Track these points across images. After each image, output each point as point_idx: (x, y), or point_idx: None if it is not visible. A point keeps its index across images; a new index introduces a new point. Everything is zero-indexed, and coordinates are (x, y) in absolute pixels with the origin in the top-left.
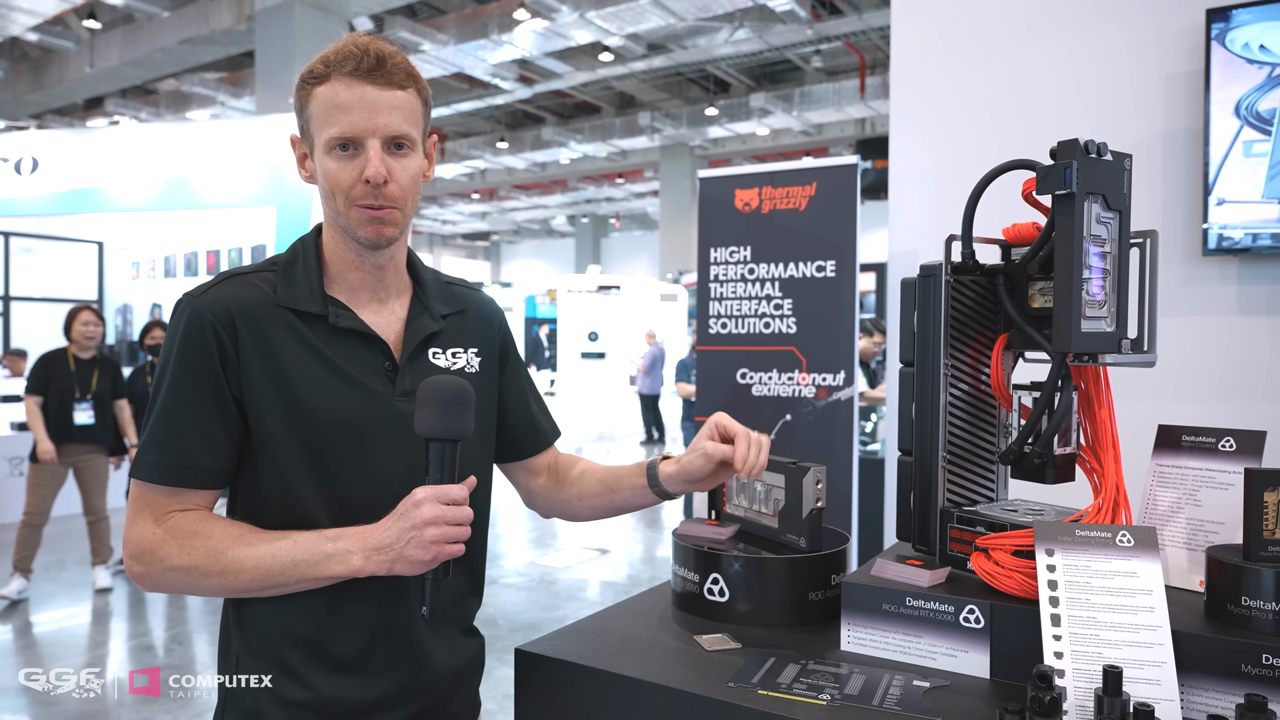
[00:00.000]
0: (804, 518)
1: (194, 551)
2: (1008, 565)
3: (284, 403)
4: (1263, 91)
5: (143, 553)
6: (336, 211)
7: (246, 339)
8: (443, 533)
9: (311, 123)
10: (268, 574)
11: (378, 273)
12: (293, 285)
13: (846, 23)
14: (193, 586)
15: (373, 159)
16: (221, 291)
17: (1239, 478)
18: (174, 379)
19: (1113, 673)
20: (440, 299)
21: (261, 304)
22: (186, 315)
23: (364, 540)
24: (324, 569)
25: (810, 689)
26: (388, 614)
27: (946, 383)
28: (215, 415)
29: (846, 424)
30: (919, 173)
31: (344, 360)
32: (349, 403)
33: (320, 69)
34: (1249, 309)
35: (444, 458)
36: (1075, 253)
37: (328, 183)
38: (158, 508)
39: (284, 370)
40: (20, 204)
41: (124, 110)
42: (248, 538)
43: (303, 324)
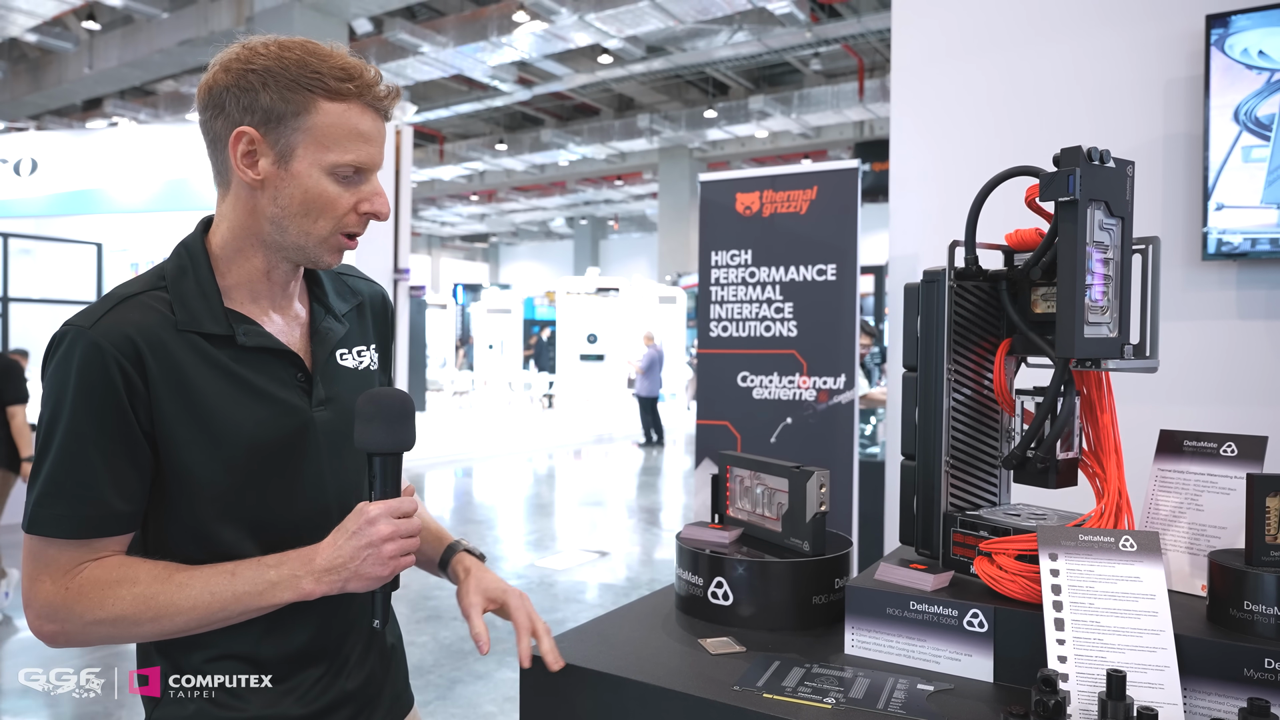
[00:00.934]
0: (807, 521)
1: (119, 601)
2: (1011, 569)
3: (201, 432)
4: (1261, 97)
5: (55, 611)
6: (306, 232)
7: (154, 369)
8: (399, 546)
9: (309, 134)
10: (207, 612)
11: (284, 281)
12: (189, 305)
13: (845, 26)
14: (120, 637)
15: (379, 193)
16: (117, 318)
17: (1240, 483)
18: (73, 422)
19: (1116, 676)
20: (338, 295)
21: (163, 328)
22: (80, 349)
23: (310, 562)
24: (269, 598)
25: (815, 692)
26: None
27: (950, 388)
28: (123, 455)
29: (847, 427)
30: (919, 176)
31: (256, 378)
32: (269, 422)
33: (336, 84)
34: (1248, 313)
35: (387, 471)
36: (1078, 259)
37: (317, 204)
38: (64, 563)
39: (198, 398)
40: (19, 205)
41: (123, 111)
42: (178, 577)
43: (209, 345)
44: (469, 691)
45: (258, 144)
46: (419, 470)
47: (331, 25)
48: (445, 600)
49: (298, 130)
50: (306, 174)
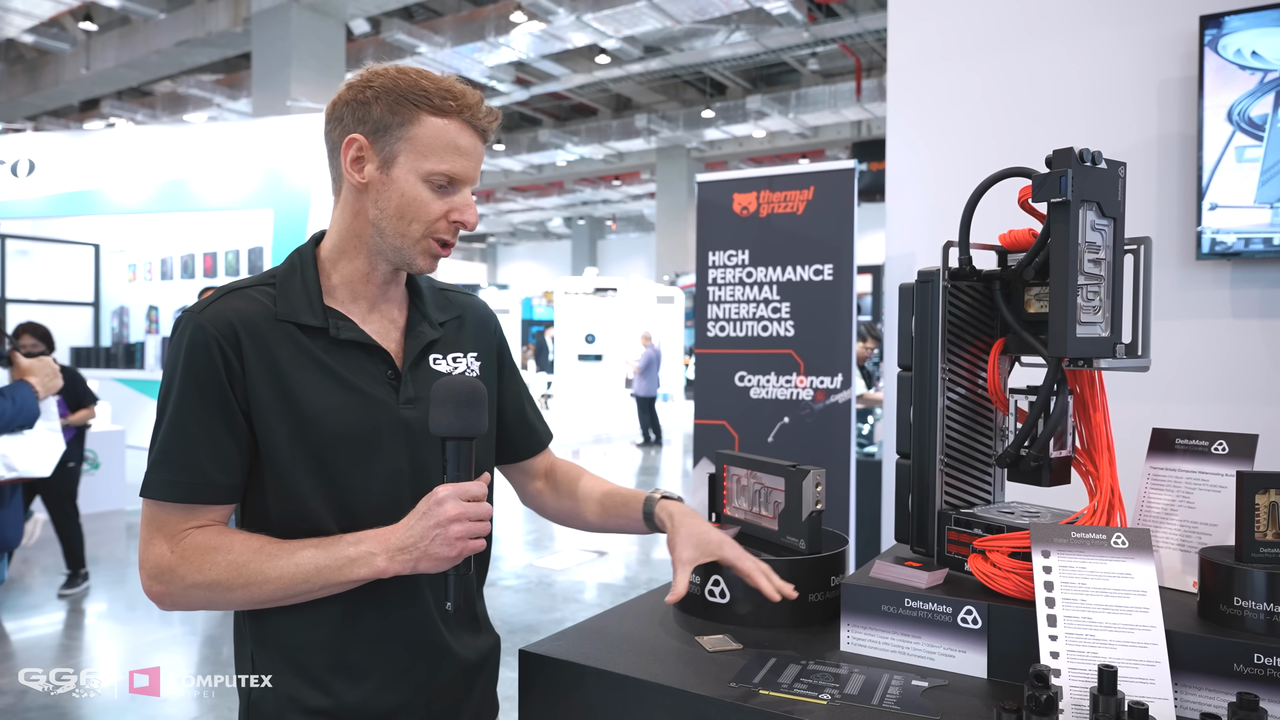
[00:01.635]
0: (804, 520)
1: (215, 567)
2: (1005, 567)
3: (290, 414)
4: (1255, 97)
5: (161, 572)
6: (403, 234)
7: (250, 353)
8: (466, 529)
9: (412, 144)
10: (291, 583)
11: (385, 286)
12: (292, 299)
13: (842, 25)
14: (215, 601)
15: (470, 205)
16: (222, 306)
17: (1231, 480)
18: (180, 396)
19: (1108, 672)
20: (436, 306)
21: (263, 317)
22: (189, 332)
23: (386, 541)
24: (348, 573)
25: (811, 689)
26: (404, 617)
27: (944, 387)
28: (224, 430)
29: (844, 426)
30: (916, 176)
31: (347, 371)
32: (354, 412)
33: (441, 101)
34: (1242, 313)
35: (460, 456)
36: (1070, 259)
37: (412, 208)
38: (172, 526)
39: (289, 382)
40: (17, 206)
41: (120, 112)
42: (268, 549)
43: (305, 336)
44: None
45: (365, 150)
46: None
47: (329, 26)
48: None
49: (401, 139)
50: (404, 179)
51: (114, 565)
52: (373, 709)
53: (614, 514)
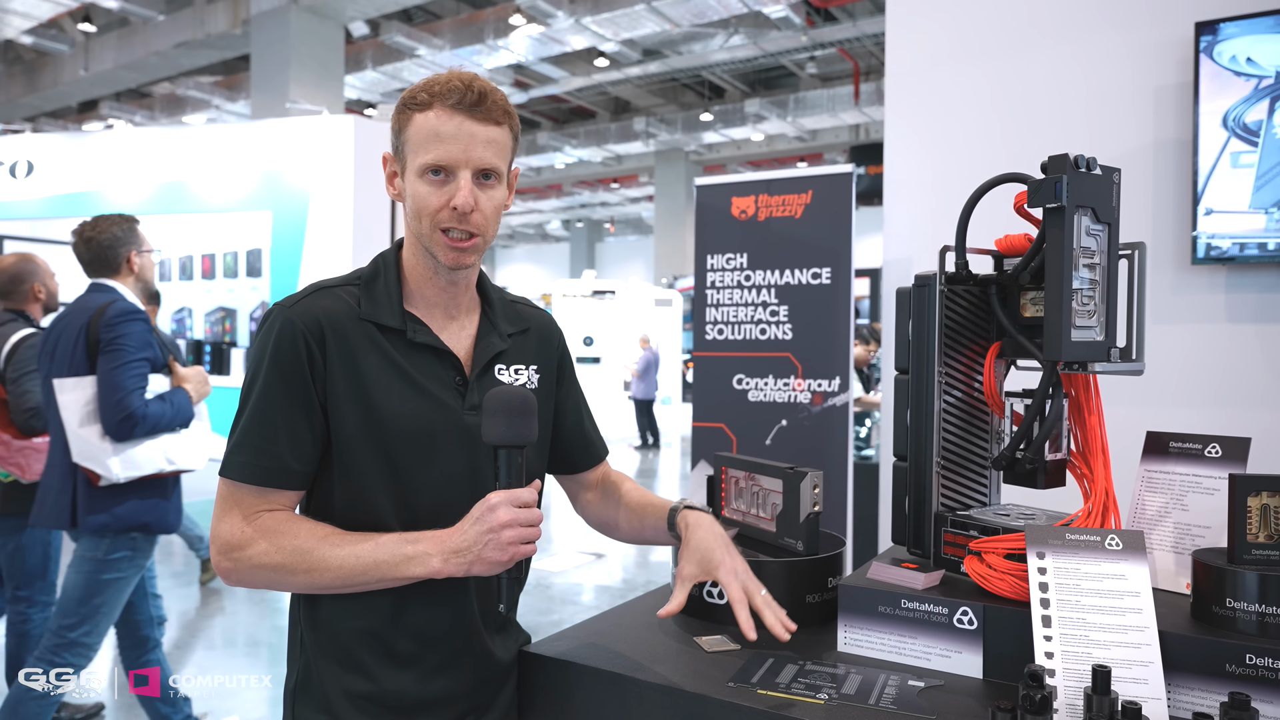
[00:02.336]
0: (801, 522)
1: (281, 550)
2: (1000, 568)
3: (363, 410)
4: (1250, 103)
5: (230, 549)
6: (421, 233)
7: (333, 349)
8: (518, 534)
9: (407, 145)
10: (350, 573)
11: (451, 289)
12: (375, 300)
13: (841, 29)
14: (277, 583)
15: (463, 188)
16: (311, 303)
17: (1224, 483)
18: (265, 384)
19: (1101, 672)
20: (506, 318)
21: (347, 316)
22: (279, 324)
23: (443, 543)
24: (404, 570)
25: (808, 688)
26: (449, 615)
27: (941, 390)
28: (303, 419)
29: (842, 429)
30: (914, 180)
31: (419, 373)
32: (422, 412)
33: (424, 97)
34: (1237, 317)
35: (511, 463)
36: (1065, 264)
37: (416, 205)
38: (246, 506)
39: (365, 380)
40: (15, 207)
41: (118, 114)
42: (332, 538)
43: (383, 337)
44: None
45: (392, 164)
46: None
47: (328, 28)
48: None
49: (404, 145)
50: (410, 181)
51: None
52: (412, 698)
53: (641, 521)
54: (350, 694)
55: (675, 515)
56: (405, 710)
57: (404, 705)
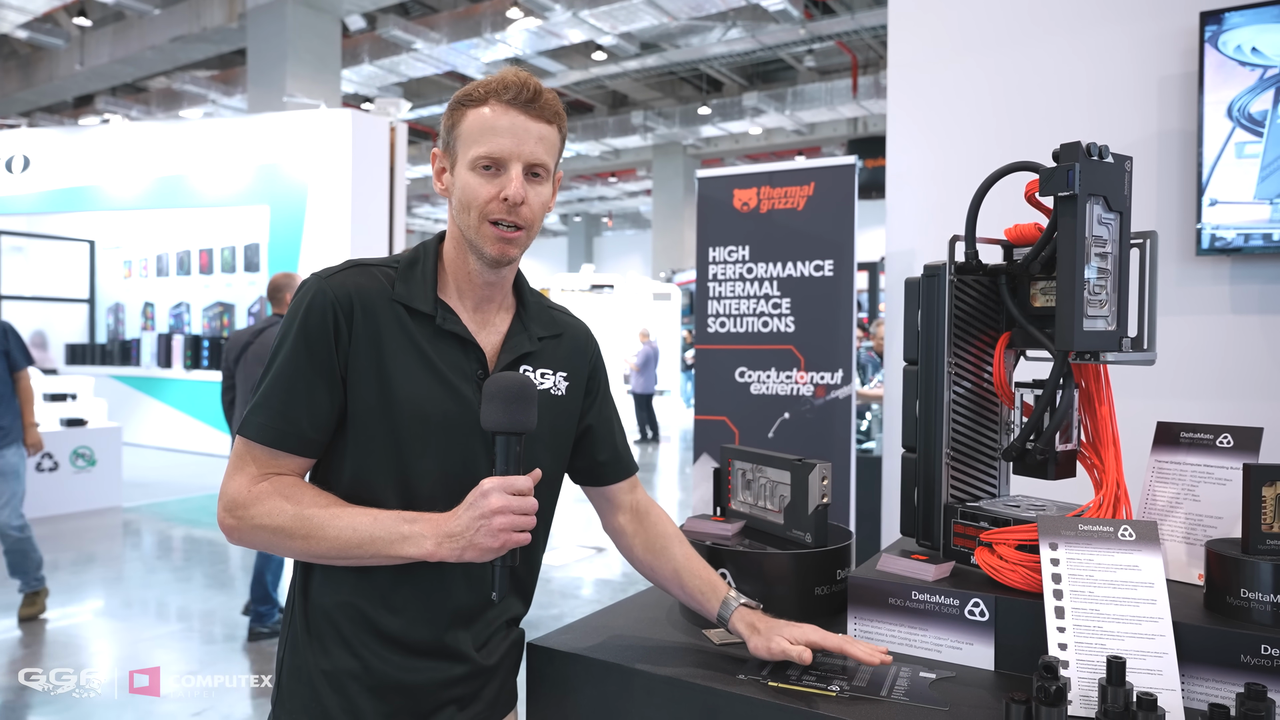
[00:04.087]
0: (809, 514)
1: (283, 514)
2: (1011, 559)
3: (380, 389)
4: (1254, 93)
5: (236, 506)
6: (468, 225)
7: (360, 324)
8: (510, 521)
9: (460, 140)
10: (346, 545)
11: (488, 288)
12: (410, 284)
13: (839, 22)
14: (275, 545)
15: (514, 180)
16: (347, 278)
17: (1236, 473)
18: (292, 349)
19: (1116, 663)
20: (539, 322)
21: (379, 295)
22: (313, 293)
23: (438, 526)
24: (398, 548)
25: (819, 680)
26: (438, 602)
27: (950, 381)
28: (323, 388)
29: (844, 422)
30: (916, 172)
31: (441, 360)
32: (437, 399)
33: (480, 93)
34: (1242, 308)
35: (509, 450)
36: (1078, 253)
37: (466, 196)
38: (258, 466)
39: (385, 359)
40: (11, 202)
41: (114, 108)
42: (333, 509)
43: (412, 320)
44: None
45: (442, 160)
46: None
47: (324, 22)
48: None
49: (456, 139)
50: (460, 173)
51: (111, 563)
52: (395, 680)
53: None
54: (335, 670)
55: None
56: (387, 692)
57: (386, 686)
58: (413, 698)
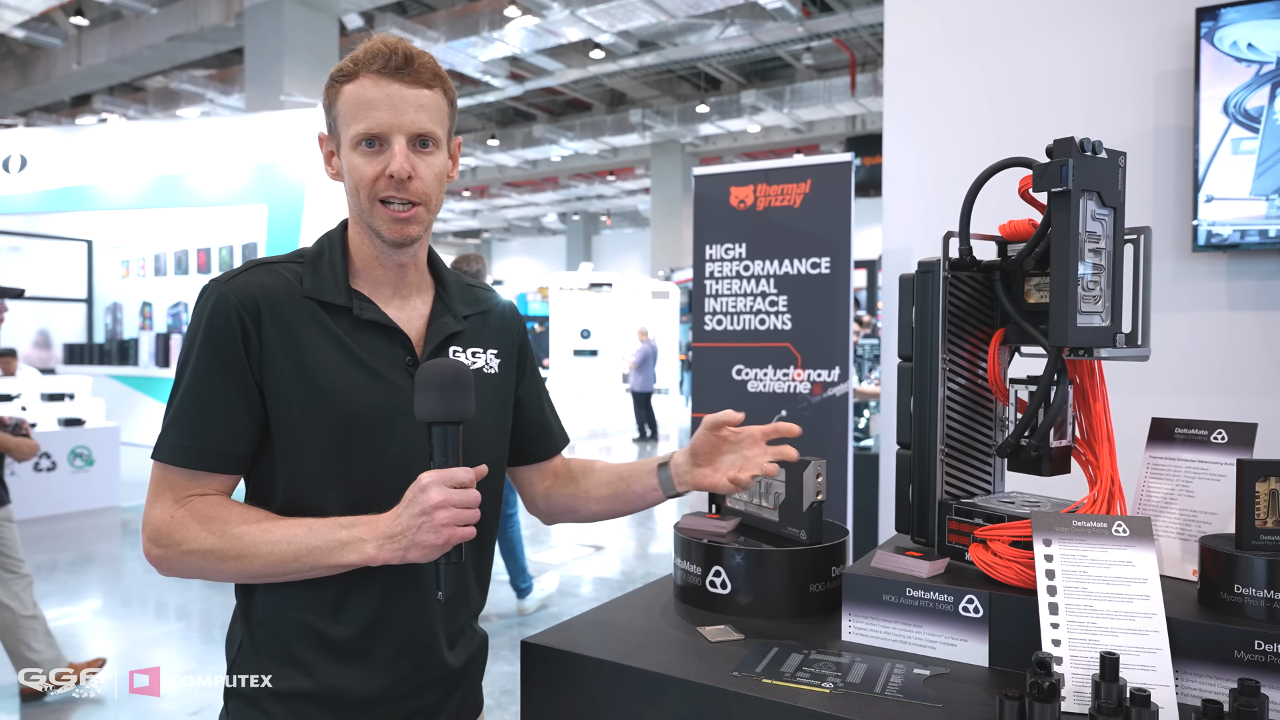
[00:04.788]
0: (804, 511)
1: (211, 535)
2: (1006, 556)
3: (304, 389)
4: (1250, 89)
5: (160, 535)
6: (361, 209)
7: (270, 326)
8: (452, 515)
9: (339, 120)
10: (281, 560)
11: (400, 270)
12: (319, 277)
13: (837, 20)
14: (208, 571)
15: (398, 155)
16: (248, 279)
17: (1230, 469)
18: (198, 364)
19: (1110, 659)
20: (462, 300)
21: (287, 293)
22: (212, 301)
23: (377, 528)
24: (337, 557)
25: (813, 677)
26: (394, 606)
27: (944, 377)
28: (238, 400)
29: (842, 419)
30: (913, 169)
31: (366, 352)
32: (369, 392)
33: (349, 67)
34: (1238, 305)
35: (447, 441)
36: (1071, 249)
37: (352, 178)
38: (178, 490)
39: (306, 358)
40: (9, 202)
41: (112, 108)
42: (264, 524)
43: (327, 315)
44: None
45: (327, 143)
46: None
47: (321, 20)
48: None
49: (336, 120)
50: (346, 156)
51: (109, 562)
52: (353, 695)
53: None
54: (286, 692)
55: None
56: (344, 709)
57: (343, 704)
58: (375, 713)
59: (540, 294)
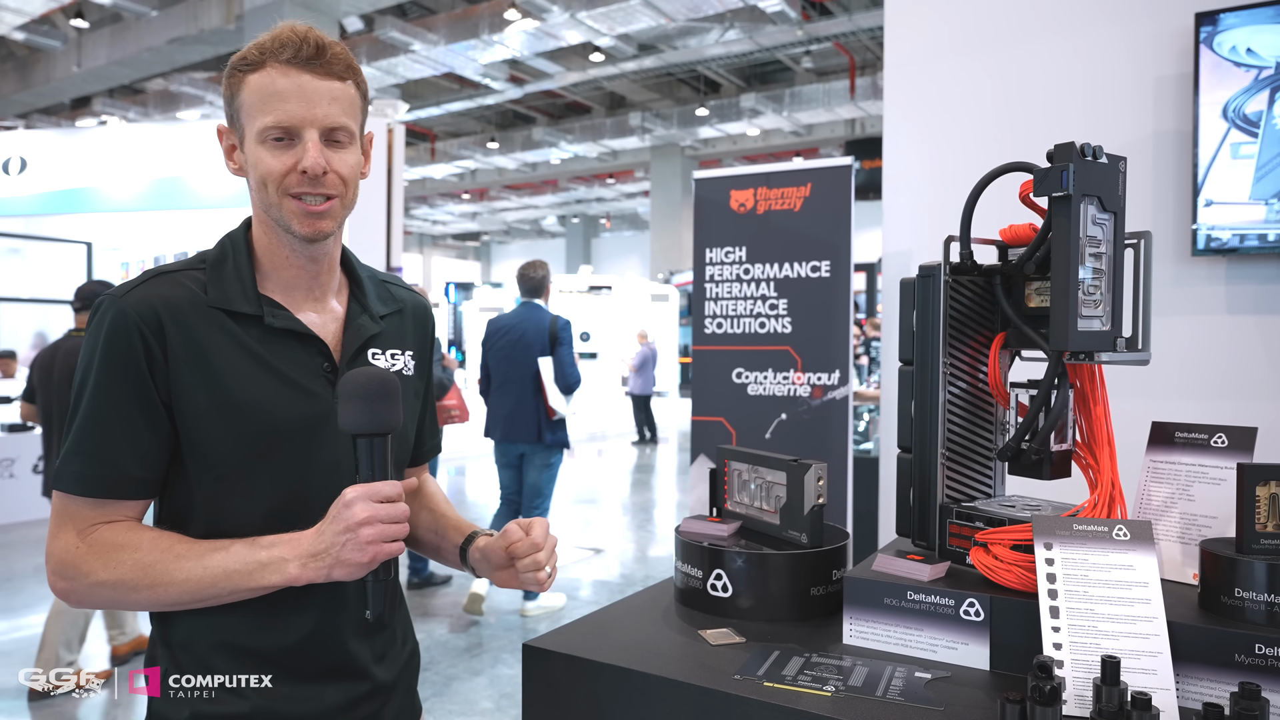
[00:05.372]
0: (805, 514)
1: (120, 565)
2: (1007, 559)
3: (216, 406)
4: (1249, 94)
5: (65, 568)
6: (269, 204)
7: (175, 341)
8: (379, 531)
9: (243, 111)
10: (199, 586)
11: (313, 268)
12: (224, 284)
13: (836, 24)
14: (121, 601)
15: (310, 149)
16: (147, 291)
17: (1230, 473)
18: (98, 385)
19: (1111, 663)
20: (378, 298)
21: (191, 304)
22: (109, 317)
23: (299, 547)
24: (258, 579)
25: (815, 681)
26: (325, 622)
27: (945, 381)
28: (143, 421)
29: (841, 423)
30: (913, 173)
31: (281, 361)
32: (286, 404)
33: (255, 55)
34: (1237, 308)
35: (373, 454)
36: (1072, 253)
37: (259, 173)
38: (81, 520)
39: (216, 372)
40: (8, 204)
41: (112, 110)
42: (177, 549)
43: (236, 325)
44: (466, 688)
45: (229, 136)
46: None
47: (322, 23)
48: (441, 597)
49: (239, 111)
50: (251, 148)
51: None
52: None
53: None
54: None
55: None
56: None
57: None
58: None
59: None
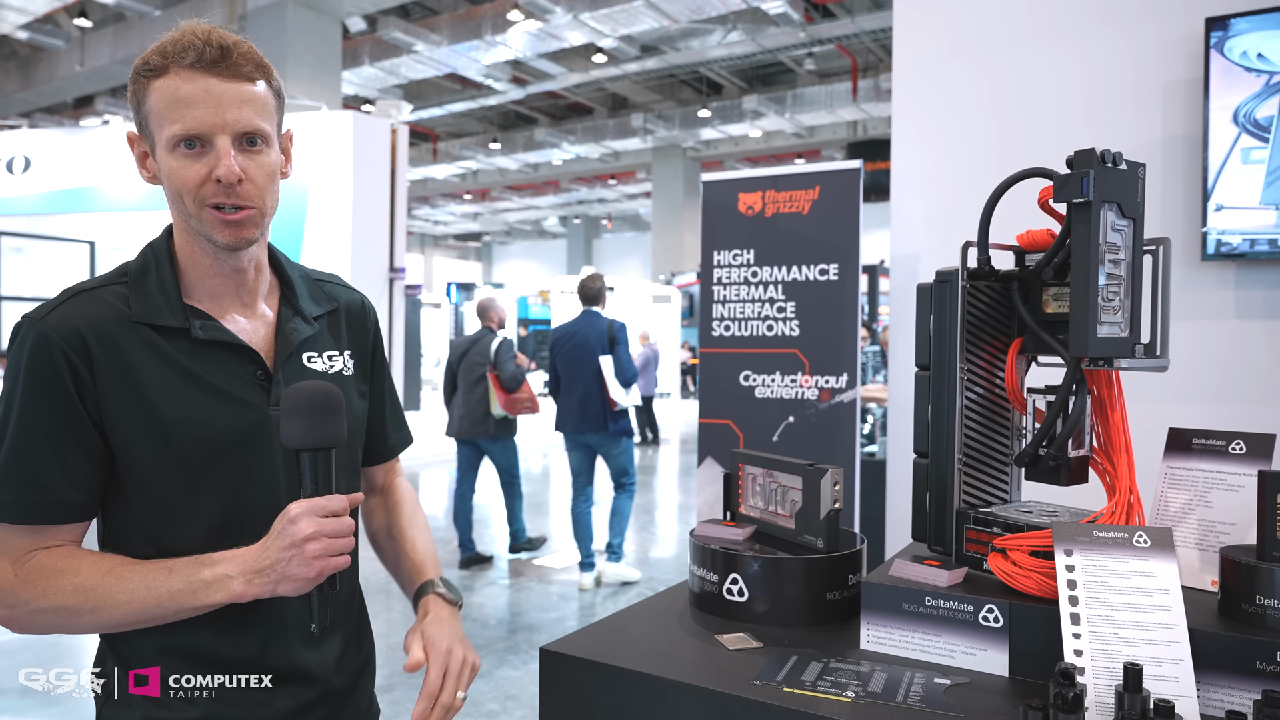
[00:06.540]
0: (822, 519)
1: (61, 591)
2: (1026, 565)
3: (148, 425)
4: (1260, 99)
5: (4, 596)
6: (187, 214)
7: (102, 361)
8: (324, 546)
9: (151, 119)
10: (143, 607)
11: (239, 276)
12: (148, 298)
13: (839, 25)
14: (65, 626)
15: (224, 157)
16: (68, 311)
17: (1250, 480)
18: (24, 410)
19: (1133, 670)
20: (311, 298)
21: (115, 321)
22: (30, 341)
23: (243, 563)
24: (203, 597)
25: (834, 686)
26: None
27: (962, 386)
28: (75, 444)
29: (849, 426)
30: (920, 176)
31: (211, 374)
32: (221, 417)
33: (157, 61)
34: (1247, 314)
35: (317, 468)
36: (1091, 260)
37: (174, 184)
38: (16, 549)
39: (145, 390)
40: (12, 203)
41: (114, 109)
42: (119, 571)
43: (162, 339)
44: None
45: (140, 144)
46: (413, 470)
47: (325, 23)
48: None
49: (147, 119)
50: (163, 158)
51: None
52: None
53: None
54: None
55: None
56: None
57: None
58: None
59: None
